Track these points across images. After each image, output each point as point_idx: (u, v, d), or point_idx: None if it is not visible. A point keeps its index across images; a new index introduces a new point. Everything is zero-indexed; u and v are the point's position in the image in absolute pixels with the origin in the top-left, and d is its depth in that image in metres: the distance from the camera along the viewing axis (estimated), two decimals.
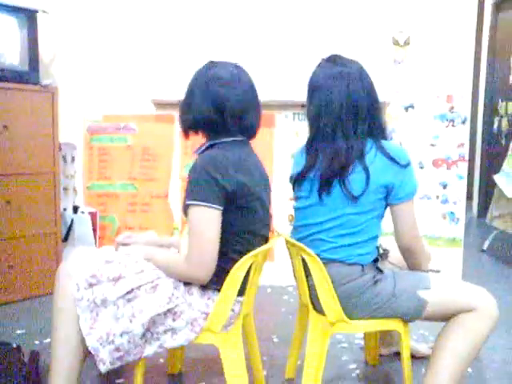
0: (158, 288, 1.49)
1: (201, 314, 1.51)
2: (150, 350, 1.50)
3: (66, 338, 1.49)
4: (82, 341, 1.48)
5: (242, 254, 1.52)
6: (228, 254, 1.52)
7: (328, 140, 1.59)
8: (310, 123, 1.66)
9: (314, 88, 1.63)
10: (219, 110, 1.52)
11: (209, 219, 1.44)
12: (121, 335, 1.45)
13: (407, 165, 1.57)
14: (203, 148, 1.59)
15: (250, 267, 1.54)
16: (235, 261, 1.51)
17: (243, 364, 1.59)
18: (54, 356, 1.52)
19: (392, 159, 1.55)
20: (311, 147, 1.65)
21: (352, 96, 1.57)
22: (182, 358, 2.05)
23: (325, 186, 1.58)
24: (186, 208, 1.49)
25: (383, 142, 1.59)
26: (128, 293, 1.47)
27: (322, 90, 1.59)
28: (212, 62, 1.61)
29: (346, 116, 1.57)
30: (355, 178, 1.54)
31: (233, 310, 1.56)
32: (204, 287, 1.52)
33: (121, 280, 1.48)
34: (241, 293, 1.55)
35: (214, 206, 1.44)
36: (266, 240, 1.64)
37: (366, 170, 1.53)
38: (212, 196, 1.43)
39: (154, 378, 1.97)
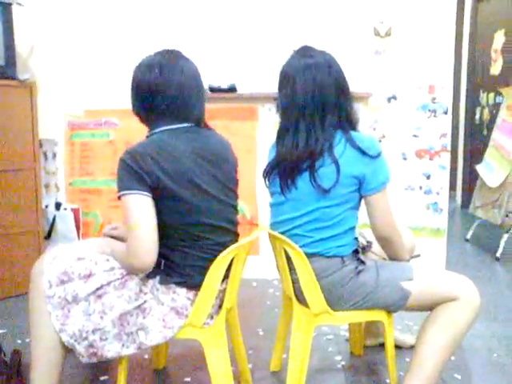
0: (126, 284, 1.49)
1: (170, 309, 1.50)
2: (127, 351, 1.49)
3: (43, 335, 1.49)
4: (59, 337, 1.48)
5: (193, 247, 1.50)
6: (177, 248, 1.49)
7: (291, 132, 1.58)
8: (279, 116, 1.65)
9: (282, 80, 1.62)
10: (150, 97, 1.49)
11: (136, 206, 1.39)
12: (93, 332, 1.46)
13: (378, 155, 1.56)
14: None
15: (232, 260, 1.53)
16: (188, 254, 1.49)
17: (227, 358, 1.58)
18: (33, 354, 1.52)
19: (361, 151, 1.53)
20: (278, 141, 1.65)
21: (318, 88, 1.55)
22: (167, 353, 2.04)
23: (286, 180, 1.58)
24: None
25: (353, 133, 1.58)
26: (98, 289, 1.47)
27: (289, 83, 1.58)
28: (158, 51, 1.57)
29: (311, 108, 1.56)
30: (325, 172, 1.53)
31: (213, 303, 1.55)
32: (164, 282, 1.50)
33: (91, 277, 1.48)
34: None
35: (138, 192, 1.39)
36: (222, 231, 1.56)
37: (335, 162, 1.52)
38: (134, 184, 1.39)
39: (139, 374, 1.96)
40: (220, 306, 1.60)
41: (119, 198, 1.43)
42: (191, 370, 1.99)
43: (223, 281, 1.55)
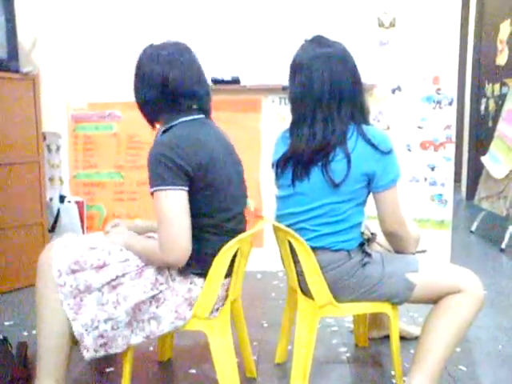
0: (142, 274, 1.48)
1: (184, 300, 1.50)
2: (135, 339, 1.49)
3: (52, 325, 1.48)
4: (67, 328, 1.47)
5: (216, 234, 1.51)
6: (202, 236, 1.50)
7: (307, 123, 1.55)
8: (292, 106, 1.62)
9: (295, 69, 1.58)
10: (165, 88, 1.49)
11: (174, 202, 1.39)
12: (105, 322, 1.45)
13: (389, 152, 1.53)
14: (160, 134, 1.55)
15: (236, 252, 1.53)
16: (211, 242, 1.50)
17: (232, 349, 1.59)
18: (39, 345, 1.51)
19: (373, 146, 1.51)
20: (293, 132, 1.61)
21: (335, 77, 1.52)
22: (172, 345, 2.04)
23: (300, 171, 1.55)
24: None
25: (365, 127, 1.55)
26: (112, 280, 1.46)
27: (304, 71, 1.54)
28: (151, 44, 1.57)
29: (327, 98, 1.52)
30: (336, 166, 1.51)
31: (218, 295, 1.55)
32: (184, 272, 1.51)
33: (105, 268, 1.47)
34: (225, 275, 1.55)
35: (176, 187, 1.39)
36: (241, 217, 1.60)
37: (347, 156, 1.50)
38: (172, 178, 1.39)
39: (144, 366, 1.97)
40: (224, 298, 1.60)
41: (152, 192, 1.41)
42: (196, 362, 1.99)
43: (227, 274, 1.55)
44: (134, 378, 1.79)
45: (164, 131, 1.53)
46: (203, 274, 1.51)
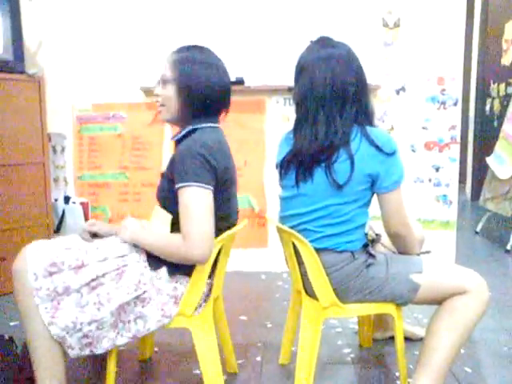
0: (123, 275, 1.47)
1: (170, 298, 1.51)
2: (121, 340, 1.48)
3: (35, 331, 1.44)
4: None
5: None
6: None
7: (310, 124, 1.55)
8: (296, 107, 1.62)
9: (300, 70, 1.59)
10: (204, 92, 1.52)
11: (205, 199, 1.43)
12: (89, 323, 1.43)
13: (393, 153, 1.52)
14: (184, 133, 1.56)
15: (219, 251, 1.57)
16: None
17: (215, 345, 1.61)
18: (32, 353, 1.48)
19: (377, 147, 1.50)
20: (296, 132, 1.61)
21: (339, 78, 1.52)
22: (153, 343, 2.05)
23: (304, 172, 1.56)
24: (164, 194, 1.54)
25: (369, 128, 1.54)
26: (92, 280, 1.44)
27: (308, 72, 1.55)
28: (193, 46, 1.58)
29: (330, 99, 1.52)
30: (340, 167, 1.51)
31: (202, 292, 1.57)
32: (172, 272, 1.52)
33: (83, 268, 1.45)
34: (209, 276, 1.58)
35: (208, 186, 1.44)
36: (234, 223, 1.66)
37: (350, 158, 1.50)
38: (206, 177, 1.44)
39: (126, 365, 1.96)
40: (207, 296, 1.63)
41: (181, 187, 1.43)
42: (178, 359, 2.00)
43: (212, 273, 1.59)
44: (118, 377, 1.78)
45: (189, 132, 1.55)
46: (187, 273, 1.53)
